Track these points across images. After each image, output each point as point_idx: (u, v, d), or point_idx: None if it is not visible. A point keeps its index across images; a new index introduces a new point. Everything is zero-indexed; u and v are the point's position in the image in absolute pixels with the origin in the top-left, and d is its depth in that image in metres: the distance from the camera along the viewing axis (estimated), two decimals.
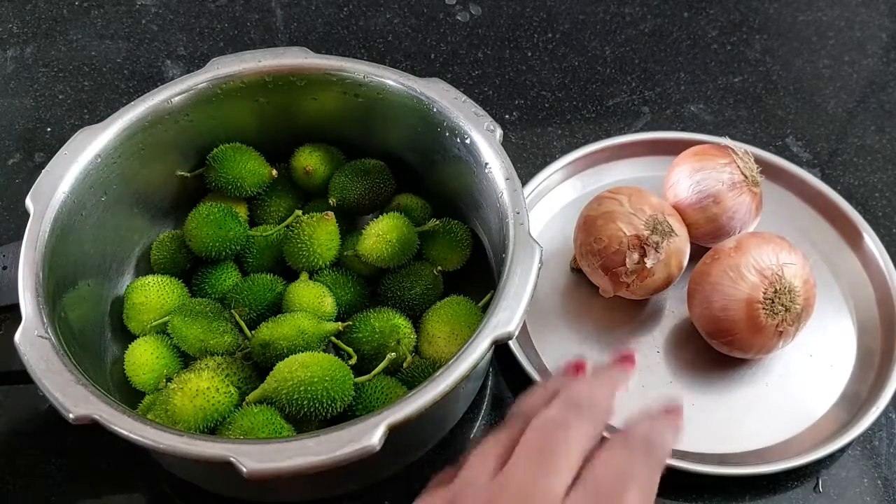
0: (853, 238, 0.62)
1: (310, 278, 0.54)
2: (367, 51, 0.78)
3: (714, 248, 0.56)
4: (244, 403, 0.47)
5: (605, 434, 0.35)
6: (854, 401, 0.55)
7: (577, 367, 0.39)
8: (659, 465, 0.35)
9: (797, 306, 0.52)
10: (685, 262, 0.57)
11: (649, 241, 0.54)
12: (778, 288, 0.52)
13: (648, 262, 0.54)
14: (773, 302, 0.52)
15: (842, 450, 0.53)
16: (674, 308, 0.59)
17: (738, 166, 0.58)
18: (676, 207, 0.58)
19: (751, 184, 0.58)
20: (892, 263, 0.60)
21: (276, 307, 0.53)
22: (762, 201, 0.59)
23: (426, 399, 0.40)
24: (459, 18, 0.81)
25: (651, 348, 0.57)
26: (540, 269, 0.44)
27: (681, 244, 0.56)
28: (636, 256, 0.54)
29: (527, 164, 0.68)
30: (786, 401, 0.55)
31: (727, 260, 0.53)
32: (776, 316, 0.52)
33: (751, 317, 0.52)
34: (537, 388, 0.38)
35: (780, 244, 0.54)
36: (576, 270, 0.61)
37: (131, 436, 0.38)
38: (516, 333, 0.42)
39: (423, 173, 0.58)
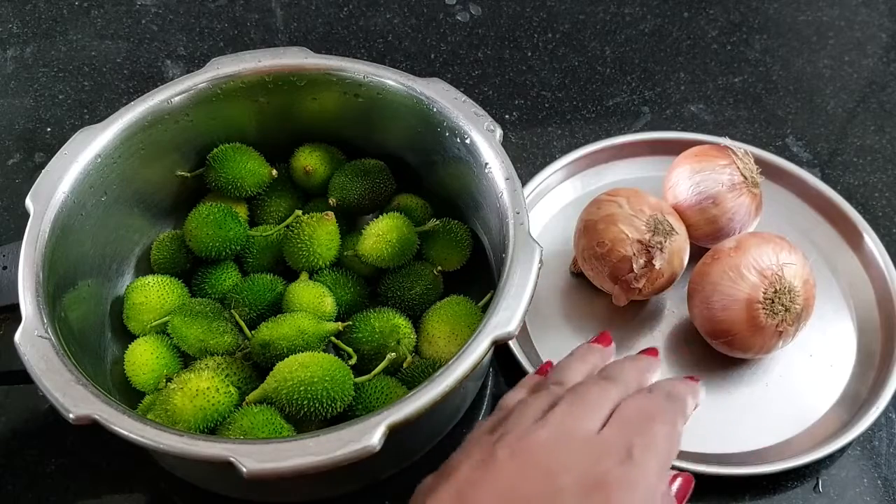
0: (853, 238, 0.62)
1: (310, 278, 0.54)
2: (367, 51, 0.78)
3: (714, 248, 0.56)
4: (244, 403, 0.47)
5: None
6: (854, 401, 0.55)
7: (604, 339, 0.46)
8: (681, 412, 0.40)
9: (797, 306, 0.52)
10: (686, 260, 0.57)
11: (652, 242, 0.54)
12: (778, 288, 0.52)
13: (657, 264, 0.54)
14: (773, 302, 0.52)
15: (842, 450, 0.53)
16: (674, 308, 0.59)
17: (738, 167, 0.58)
18: (676, 209, 0.58)
19: (750, 185, 0.58)
20: (892, 263, 0.60)
21: (276, 307, 0.53)
22: (762, 202, 0.59)
23: (426, 399, 0.40)
24: (459, 18, 0.81)
25: None
26: (540, 268, 0.44)
27: (681, 242, 0.56)
28: (643, 261, 0.54)
29: (527, 164, 0.68)
30: (786, 401, 0.55)
31: (727, 260, 0.53)
32: (776, 316, 0.52)
33: (751, 317, 0.52)
34: (571, 358, 0.43)
35: (780, 244, 0.54)
36: (576, 275, 0.61)
37: (131, 436, 0.38)
38: (516, 333, 0.42)
39: (423, 173, 0.58)
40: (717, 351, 0.56)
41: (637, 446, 0.36)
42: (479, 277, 0.55)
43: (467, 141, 0.51)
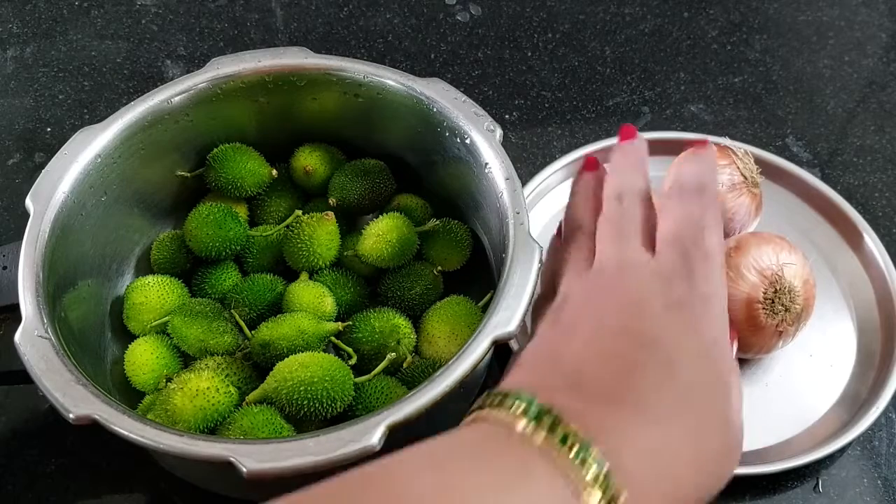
0: (853, 238, 0.62)
1: (310, 278, 0.54)
2: (367, 51, 0.78)
3: None
4: (244, 403, 0.47)
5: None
6: (854, 401, 0.54)
7: (590, 164, 0.44)
8: (714, 200, 0.40)
9: (797, 306, 0.52)
10: None
11: None
12: (778, 288, 0.52)
13: None
14: (773, 302, 0.52)
15: (842, 450, 0.53)
16: None
17: (738, 167, 0.58)
18: None
19: (750, 185, 0.58)
20: (892, 263, 0.60)
21: (276, 307, 0.53)
22: (762, 202, 0.59)
23: (426, 399, 0.40)
24: (459, 18, 0.81)
25: None
26: (540, 268, 0.44)
27: None
28: None
29: (527, 164, 0.68)
30: (786, 401, 0.55)
31: (727, 260, 0.53)
32: (776, 316, 0.52)
33: (751, 317, 0.52)
34: (575, 197, 0.43)
35: (780, 244, 0.54)
36: None
37: (131, 436, 0.38)
38: (516, 333, 0.42)
39: (423, 173, 0.58)
40: None
41: (696, 261, 0.36)
42: (479, 277, 0.55)
43: (467, 141, 0.51)
